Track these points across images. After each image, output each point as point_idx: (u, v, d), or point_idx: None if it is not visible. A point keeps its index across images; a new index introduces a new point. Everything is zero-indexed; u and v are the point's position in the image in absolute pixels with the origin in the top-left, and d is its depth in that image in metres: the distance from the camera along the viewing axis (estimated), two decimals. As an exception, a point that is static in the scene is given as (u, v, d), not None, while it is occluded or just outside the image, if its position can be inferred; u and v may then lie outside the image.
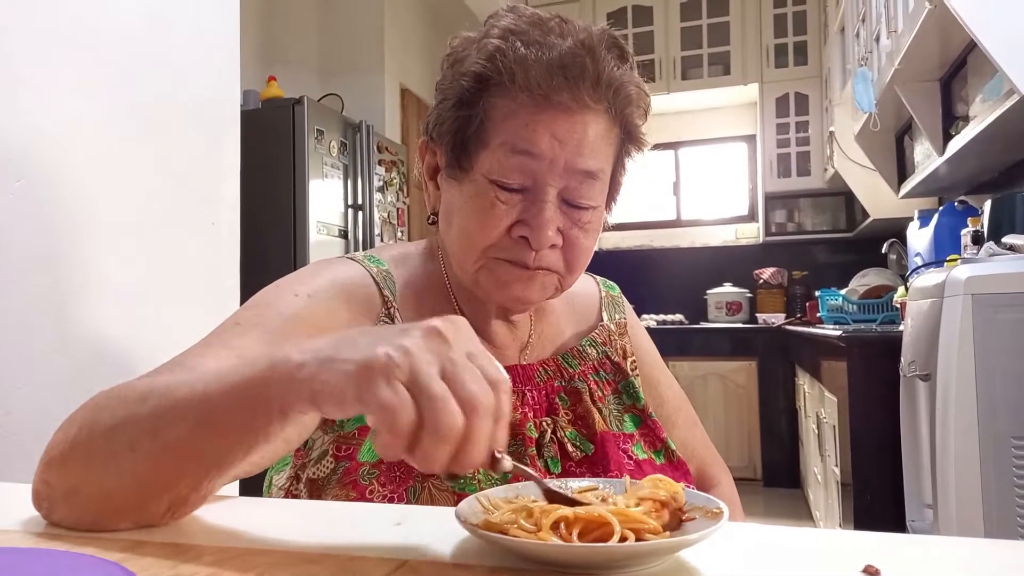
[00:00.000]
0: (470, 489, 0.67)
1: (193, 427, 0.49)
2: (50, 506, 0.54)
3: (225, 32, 1.51)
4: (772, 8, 4.43)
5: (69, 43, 1.18)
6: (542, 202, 0.69)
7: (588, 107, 0.69)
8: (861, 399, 1.99)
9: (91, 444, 0.52)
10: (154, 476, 0.51)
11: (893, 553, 0.48)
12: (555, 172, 0.69)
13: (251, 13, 3.51)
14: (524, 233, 0.70)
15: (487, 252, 0.72)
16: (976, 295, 1.34)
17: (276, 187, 2.96)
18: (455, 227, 0.74)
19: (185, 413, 0.50)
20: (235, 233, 1.53)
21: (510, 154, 0.69)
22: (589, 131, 0.70)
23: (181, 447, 0.50)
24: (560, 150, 0.69)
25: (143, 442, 0.50)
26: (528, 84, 0.68)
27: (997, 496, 1.30)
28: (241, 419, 0.48)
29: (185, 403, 0.50)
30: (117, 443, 0.51)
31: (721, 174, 4.96)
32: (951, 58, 2.25)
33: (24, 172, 1.11)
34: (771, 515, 3.61)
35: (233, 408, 0.48)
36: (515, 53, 0.68)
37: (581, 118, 0.69)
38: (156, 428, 0.50)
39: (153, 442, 0.50)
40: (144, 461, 0.50)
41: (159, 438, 0.50)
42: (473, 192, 0.71)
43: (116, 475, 0.51)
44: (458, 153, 0.72)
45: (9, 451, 1.03)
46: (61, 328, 1.16)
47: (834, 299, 3.01)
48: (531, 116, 0.68)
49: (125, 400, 0.53)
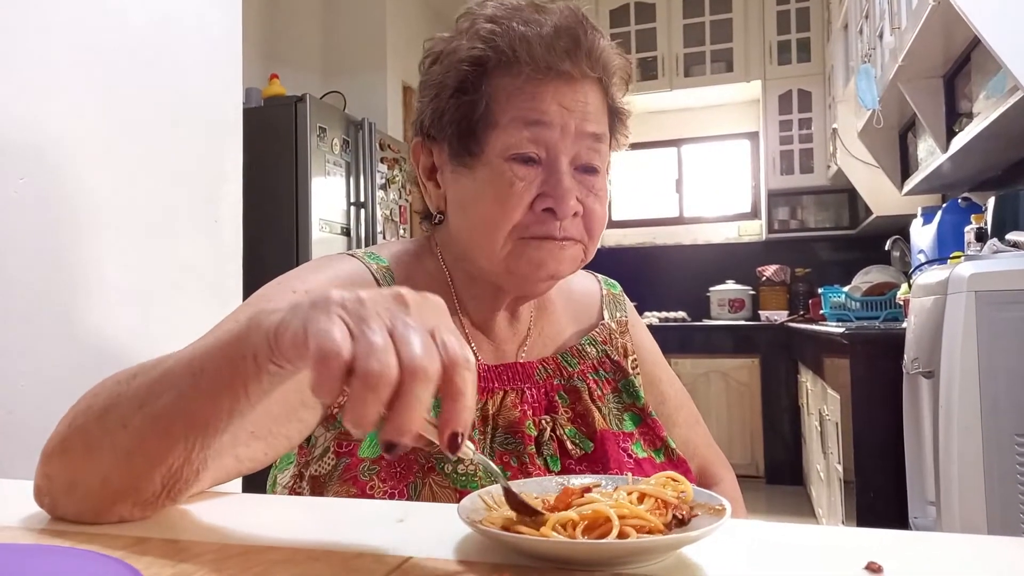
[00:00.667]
0: (471, 486, 0.67)
1: (177, 393, 0.50)
2: (52, 500, 0.55)
3: (227, 30, 1.51)
4: (775, 5, 4.41)
5: (72, 43, 1.18)
6: (559, 172, 0.71)
7: (586, 75, 0.72)
8: (864, 396, 1.99)
9: (87, 429, 0.53)
10: (144, 449, 0.51)
11: (896, 550, 0.48)
12: (567, 139, 0.71)
13: (253, 11, 3.51)
14: (548, 205, 0.71)
15: (513, 233, 0.72)
16: (979, 292, 1.34)
17: (278, 185, 2.96)
18: (473, 217, 0.74)
19: (171, 381, 0.51)
20: (237, 231, 1.53)
21: (522, 127, 0.71)
22: (590, 97, 0.73)
23: (167, 413, 0.50)
24: (569, 117, 0.71)
25: (133, 417, 0.51)
26: (532, 58, 0.70)
27: (1000, 493, 1.30)
28: (221, 376, 0.48)
29: (171, 371, 0.51)
30: (111, 422, 0.52)
31: (724, 171, 4.95)
32: (955, 55, 2.24)
33: (27, 170, 1.11)
34: (774, 512, 3.61)
35: (214, 365, 0.49)
36: (512, 31, 0.71)
37: (581, 86, 0.72)
38: (144, 399, 0.51)
39: (142, 414, 0.51)
40: (135, 435, 0.51)
41: (147, 408, 0.51)
42: (489, 175, 0.72)
43: (111, 456, 0.52)
44: (466, 140, 0.73)
45: (12, 449, 1.04)
46: (64, 326, 1.16)
47: (837, 296, 3.01)
48: (537, 88, 0.71)
49: (116, 382, 0.54)
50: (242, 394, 0.49)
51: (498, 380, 0.77)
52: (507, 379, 0.77)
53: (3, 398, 1.06)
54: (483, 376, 0.76)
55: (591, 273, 0.94)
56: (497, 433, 0.74)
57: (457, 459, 0.68)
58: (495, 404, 0.75)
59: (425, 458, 0.69)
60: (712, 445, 0.98)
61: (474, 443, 0.70)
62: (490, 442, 0.73)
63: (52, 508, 0.55)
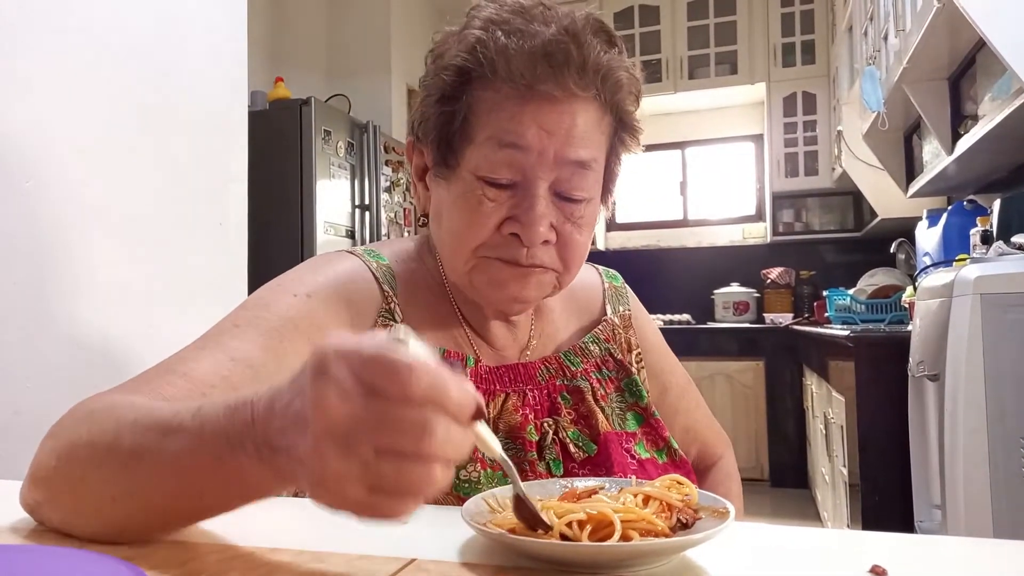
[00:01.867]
0: (474, 493, 0.66)
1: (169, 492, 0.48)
2: (42, 519, 0.54)
3: (232, 34, 1.52)
4: (779, 7, 4.41)
5: (78, 46, 1.19)
6: (533, 197, 0.67)
7: (575, 95, 0.67)
8: (869, 399, 1.99)
9: (74, 489, 0.51)
10: (138, 511, 0.50)
11: (901, 553, 0.48)
12: (544, 164, 0.67)
13: (258, 15, 3.52)
14: (515, 230, 0.68)
15: (478, 251, 0.70)
16: (985, 295, 1.34)
17: (284, 187, 2.97)
18: (444, 227, 0.72)
19: (162, 477, 0.48)
20: (243, 234, 1.54)
21: (497, 148, 0.67)
22: (578, 120, 0.67)
23: (161, 503, 0.49)
24: (548, 141, 0.66)
25: (124, 501, 0.49)
26: (511, 75, 0.65)
27: (1006, 496, 1.29)
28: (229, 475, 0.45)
29: (161, 465, 0.48)
30: (98, 495, 0.50)
31: (728, 174, 4.94)
32: (960, 57, 2.24)
33: (33, 173, 1.12)
34: (778, 515, 3.59)
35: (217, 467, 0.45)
36: (496, 43, 0.66)
37: (568, 107, 0.67)
38: (133, 485, 0.49)
39: (133, 499, 0.49)
40: (124, 514, 0.50)
41: (138, 495, 0.49)
42: (461, 190, 0.69)
43: (99, 521, 0.51)
44: (444, 151, 0.70)
45: (17, 450, 1.04)
46: (69, 328, 1.16)
47: (842, 299, 3.00)
48: (516, 108, 0.66)
49: (102, 444, 0.50)
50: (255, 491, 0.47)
51: (499, 382, 0.76)
52: (508, 381, 0.76)
53: (9, 398, 1.07)
54: (484, 378, 0.75)
55: (592, 266, 0.92)
56: (497, 437, 0.73)
57: (462, 466, 0.67)
58: (496, 407, 0.74)
59: None
60: (711, 426, 0.98)
61: (482, 463, 0.70)
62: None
63: (46, 523, 0.54)
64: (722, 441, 0.99)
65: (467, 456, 0.40)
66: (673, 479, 0.52)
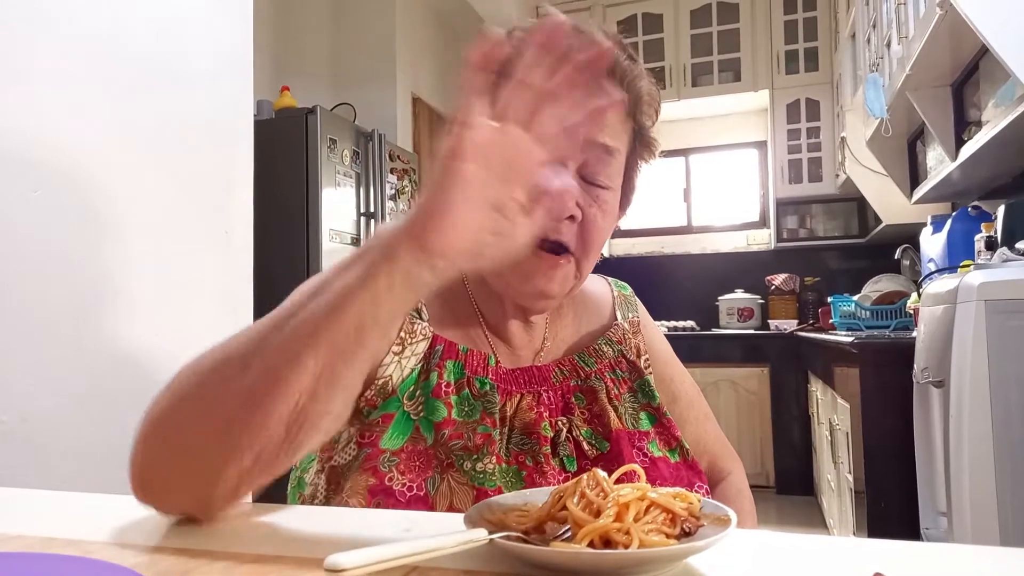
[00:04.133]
0: (489, 485, 0.68)
1: (305, 316, 0.51)
2: (151, 476, 0.55)
3: (238, 43, 1.53)
4: (783, 14, 4.42)
5: (85, 56, 1.20)
6: (562, 171, 0.70)
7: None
8: (874, 406, 1.98)
9: (202, 385, 0.53)
10: (269, 383, 0.51)
11: (905, 561, 0.47)
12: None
13: (264, 24, 3.55)
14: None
15: None
16: (989, 301, 1.33)
17: (289, 196, 2.98)
18: None
19: (291, 311, 0.52)
20: (248, 242, 1.55)
21: None
22: (610, 113, 0.71)
23: (294, 337, 0.51)
24: None
25: (254, 358, 0.51)
26: None
27: (1012, 504, 1.29)
28: (351, 285, 0.50)
29: (285, 309, 0.53)
30: (229, 370, 0.52)
31: (732, 180, 4.95)
32: (963, 63, 2.24)
33: (41, 182, 1.13)
34: (784, 522, 3.58)
35: (343, 278, 0.51)
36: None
37: None
38: (266, 336, 0.52)
39: (264, 353, 0.51)
40: (259, 372, 0.51)
41: (271, 340, 0.52)
42: None
43: (233, 401, 0.51)
44: None
45: (25, 458, 1.04)
46: (77, 336, 1.17)
47: (846, 305, 3.00)
48: None
49: (215, 348, 0.54)
50: (370, 307, 0.50)
51: (515, 384, 0.78)
52: (524, 383, 0.78)
53: (16, 406, 1.07)
54: (501, 379, 0.77)
55: (601, 276, 0.95)
56: (513, 434, 0.75)
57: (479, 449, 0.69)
58: (512, 406, 0.76)
59: (445, 454, 0.70)
60: (720, 440, 0.99)
61: (497, 457, 0.70)
62: (506, 443, 0.74)
63: (161, 490, 0.55)
64: (731, 456, 0.99)
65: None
66: (677, 493, 0.52)
